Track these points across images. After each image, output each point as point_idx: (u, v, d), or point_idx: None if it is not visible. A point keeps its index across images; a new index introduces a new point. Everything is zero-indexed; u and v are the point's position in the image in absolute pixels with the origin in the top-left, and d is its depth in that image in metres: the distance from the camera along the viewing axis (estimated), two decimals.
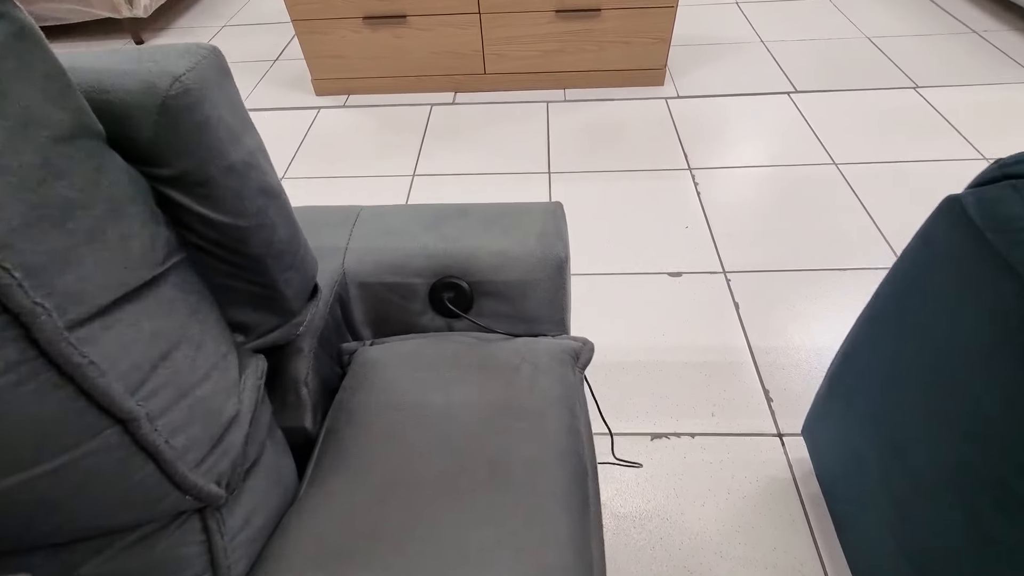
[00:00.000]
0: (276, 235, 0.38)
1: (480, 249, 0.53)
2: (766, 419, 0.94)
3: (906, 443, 0.54)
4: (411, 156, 1.56)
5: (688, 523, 0.83)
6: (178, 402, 0.29)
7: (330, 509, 0.39)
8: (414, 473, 0.40)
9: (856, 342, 0.63)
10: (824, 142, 1.50)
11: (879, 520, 0.60)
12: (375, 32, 1.66)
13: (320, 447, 0.44)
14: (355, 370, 0.49)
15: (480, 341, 0.51)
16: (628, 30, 1.63)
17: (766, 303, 1.12)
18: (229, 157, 0.33)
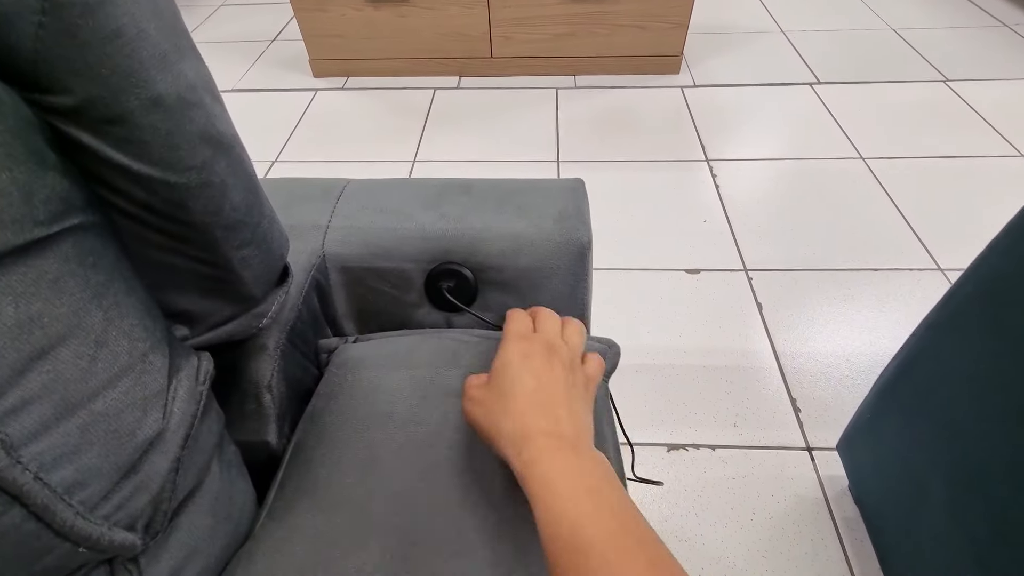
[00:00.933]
0: (227, 198, 0.29)
1: (487, 231, 0.44)
2: (794, 431, 0.86)
3: (991, 472, 0.45)
4: (412, 141, 1.48)
5: (708, 546, 0.75)
6: (60, 421, 0.20)
7: (287, 552, 0.30)
8: (403, 506, 0.32)
9: (920, 350, 0.54)
10: (850, 135, 1.41)
11: (945, 560, 0.52)
12: (377, 10, 1.57)
13: (285, 468, 0.36)
14: (334, 371, 0.41)
15: (484, 340, 0.42)
16: (643, 13, 1.54)
17: (792, 304, 1.03)
18: (155, 87, 0.24)
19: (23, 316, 0.19)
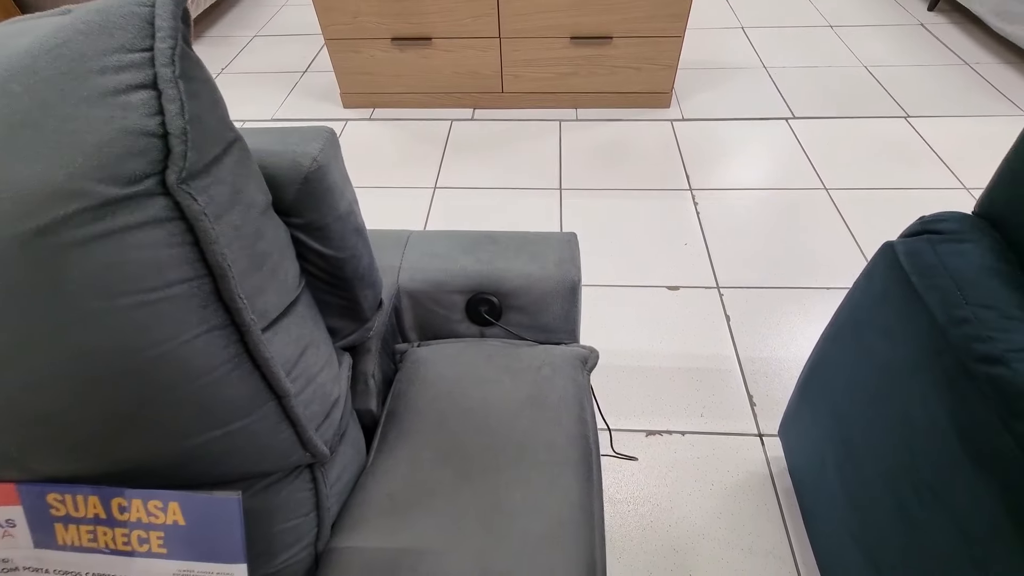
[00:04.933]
0: (361, 263, 0.50)
1: (509, 271, 0.65)
2: (749, 421, 1.06)
3: (855, 444, 0.65)
4: (432, 169, 1.69)
5: (676, 509, 0.95)
6: (309, 385, 0.41)
7: (395, 472, 0.51)
8: (459, 448, 0.52)
9: (820, 355, 0.74)
10: (817, 167, 1.61)
11: (834, 509, 0.72)
12: (402, 52, 1.78)
13: (383, 426, 0.56)
14: (408, 366, 0.61)
15: (508, 346, 0.63)
16: (638, 56, 1.75)
17: (755, 317, 1.23)
18: (339, 209, 0.45)
19: (296, 335, 0.40)
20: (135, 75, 0.26)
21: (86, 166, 0.25)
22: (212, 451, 0.36)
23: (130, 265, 0.27)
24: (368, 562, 0.44)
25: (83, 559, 0.35)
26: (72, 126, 0.25)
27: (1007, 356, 0.43)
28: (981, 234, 0.51)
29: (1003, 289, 0.47)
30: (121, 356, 0.29)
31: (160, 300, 0.29)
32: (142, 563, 0.35)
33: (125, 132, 0.26)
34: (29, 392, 0.29)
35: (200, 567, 0.36)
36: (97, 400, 0.30)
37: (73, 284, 0.26)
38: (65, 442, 0.32)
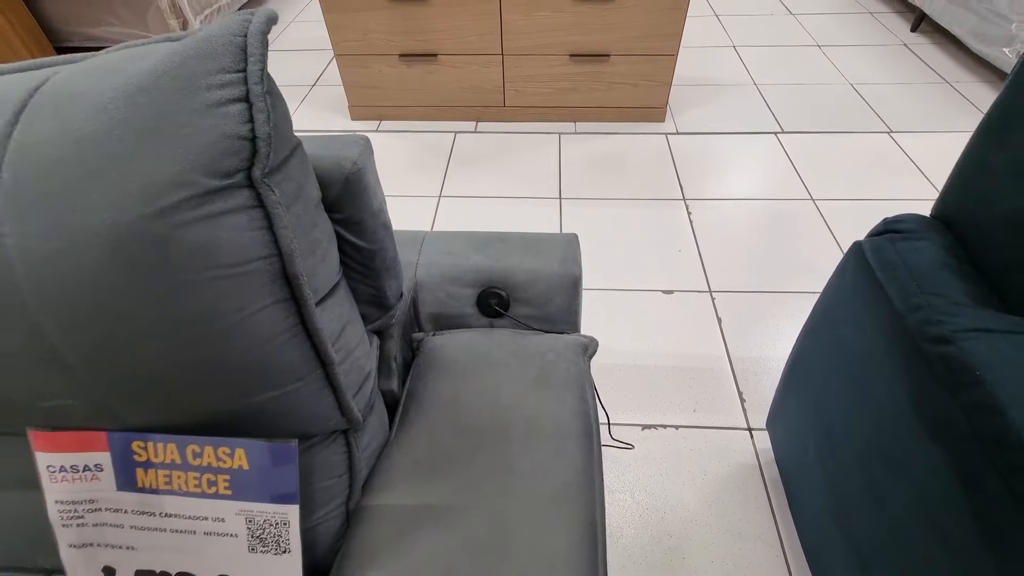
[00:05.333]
0: (388, 255, 0.56)
1: (517, 268, 0.71)
2: (739, 416, 1.12)
3: (833, 430, 0.72)
4: (438, 178, 1.76)
5: (670, 497, 1.01)
6: (347, 358, 0.47)
7: (416, 443, 0.57)
8: (473, 422, 0.58)
9: (801, 349, 0.81)
10: (804, 179, 1.69)
11: (816, 494, 0.78)
12: (409, 67, 1.86)
13: (404, 404, 0.62)
14: (424, 352, 0.67)
15: (516, 335, 0.69)
16: (634, 73, 1.84)
17: (745, 319, 1.30)
18: (372, 206, 0.51)
19: (338, 313, 0.46)
20: (232, 91, 0.33)
21: (195, 162, 0.32)
22: (269, 410, 0.42)
23: (221, 244, 0.34)
24: (396, 517, 0.50)
25: (158, 500, 0.41)
26: (185, 131, 0.31)
27: (954, 336, 0.50)
28: (935, 233, 0.58)
29: (952, 280, 0.54)
30: (208, 321, 0.35)
31: (241, 274, 0.35)
32: (209, 504, 0.41)
33: (224, 136, 0.32)
34: (132, 351, 0.35)
35: (259, 507, 0.41)
36: (184, 359, 0.36)
37: (177, 257, 0.32)
38: (154, 396, 0.38)
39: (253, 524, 0.42)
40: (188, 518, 0.41)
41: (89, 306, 0.32)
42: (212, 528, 0.42)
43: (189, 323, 0.34)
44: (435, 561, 0.47)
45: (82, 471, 0.40)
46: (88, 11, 2.25)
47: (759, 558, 0.93)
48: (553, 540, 0.48)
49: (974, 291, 0.52)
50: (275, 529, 0.42)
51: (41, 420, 0.39)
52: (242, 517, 0.41)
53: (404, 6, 1.72)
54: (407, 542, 0.48)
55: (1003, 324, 0.49)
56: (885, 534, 0.61)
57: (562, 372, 0.63)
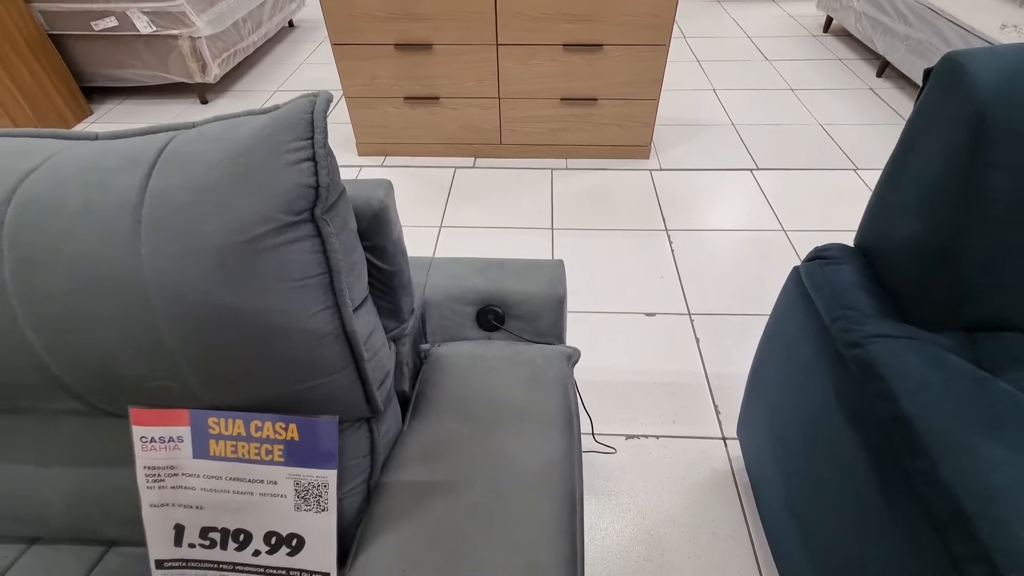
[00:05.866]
0: (404, 276, 0.68)
1: (511, 289, 0.83)
2: (714, 427, 1.23)
3: (784, 429, 0.83)
4: (438, 210, 1.90)
5: (651, 499, 1.10)
6: (373, 357, 0.58)
7: (425, 432, 0.67)
8: (473, 414, 0.69)
9: (758, 361, 0.93)
10: (776, 212, 1.84)
11: (774, 488, 0.88)
12: (413, 109, 2.03)
13: (414, 402, 0.73)
14: (432, 360, 0.79)
15: (510, 345, 0.80)
16: (620, 115, 2.00)
17: (721, 339, 1.42)
18: (393, 235, 0.64)
19: (368, 320, 0.58)
20: (304, 153, 0.45)
21: (277, 204, 0.44)
22: (313, 396, 0.53)
23: (292, 263, 0.46)
24: (409, 491, 0.61)
25: (225, 466, 0.52)
26: (271, 182, 0.44)
27: (863, 341, 0.62)
28: (853, 259, 0.71)
29: (863, 296, 0.66)
30: (279, 321, 0.47)
31: (304, 286, 0.47)
32: (265, 469, 0.52)
33: (298, 185, 0.44)
34: (221, 344, 0.46)
35: (305, 472, 0.52)
36: (259, 350, 0.48)
37: (262, 272, 0.44)
38: (230, 381, 0.49)
39: (299, 486, 0.52)
40: (248, 481, 0.52)
41: (195, 306, 0.44)
42: (266, 490, 0.52)
43: (266, 322, 0.46)
44: (442, 524, 0.57)
45: (167, 442, 0.51)
46: (114, 56, 2.42)
47: (731, 553, 1.02)
48: (539, 508, 0.59)
49: (879, 305, 0.65)
50: (317, 490, 0.53)
51: (141, 399, 0.50)
52: (291, 480, 0.52)
53: (409, 55, 1.89)
54: (419, 510, 0.59)
55: (900, 331, 0.62)
56: (823, 514, 0.71)
57: (549, 375, 0.74)
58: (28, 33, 2.25)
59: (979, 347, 0.61)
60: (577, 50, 1.84)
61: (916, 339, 0.60)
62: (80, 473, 0.60)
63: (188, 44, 2.37)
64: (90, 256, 0.42)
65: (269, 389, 0.51)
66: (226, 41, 2.56)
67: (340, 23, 1.83)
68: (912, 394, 0.55)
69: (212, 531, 0.54)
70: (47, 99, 2.35)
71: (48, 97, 2.35)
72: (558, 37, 1.81)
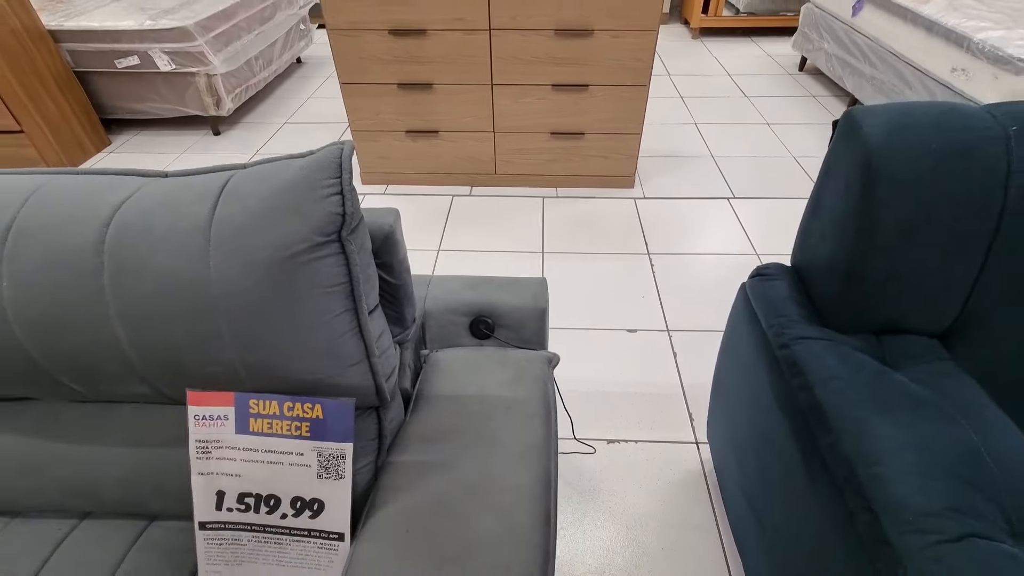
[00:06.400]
0: (407, 289, 0.81)
1: (500, 302, 0.96)
2: (688, 432, 1.34)
3: (739, 425, 0.94)
4: (437, 235, 2.03)
5: (629, 497, 1.21)
6: (383, 354, 0.70)
7: (425, 422, 0.79)
8: (466, 407, 0.80)
9: (718, 366, 1.05)
10: (751, 237, 1.98)
11: (733, 478, 1.00)
12: (414, 141, 2.19)
13: (415, 399, 0.84)
14: (430, 363, 0.91)
15: (499, 350, 0.92)
16: (606, 148, 2.16)
17: (696, 353, 1.54)
18: (399, 255, 0.77)
19: (378, 324, 0.70)
20: (333, 188, 0.58)
21: (312, 228, 0.57)
22: (334, 384, 0.65)
23: (322, 273, 0.58)
24: (411, 468, 0.72)
25: (262, 440, 0.63)
26: (308, 211, 0.57)
27: (790, 342, 0.75)
28: (787, 276, 0.84)
29: (792, 306, 0.79)
30: (312, 320, 0.59)
31: (330, 292, 0.60)
32: (295, 443, 0.63)
33: (329, 213, 0.57)
34: (266, 336, 0.59)
35: (326, 445, 0.64)
36: (295, 343, 0.60)
37: (300, 280, 0.57)
38: (269, 369, 0.61)
39: (322, 457, 0.64)
40: (279, 452, 0.64)
41: (247, 306, 0.56)
42: (294, 460, 0.64)
43: (302, 320, 0.58)
44: (438, 495, 0.68)
45: (214, 419, 0.63)
46: (135, 91, 2.59)
47: (700, 544, 1.12)
48: (520, 481, 0.70)
49: (805, 313, 0.78)
50: (335, 461, 0.64)
51: (196, 384, 0.62)
52: (315, 452, 0.64)
53: (412, 93, 2.06)
54: (419, 483, 0.70)
55: (819, 334, 0.74)
56: (767, 492, 0.83)
57: (531, 375, 0.86)
58: (56, 70, 2.42)
59: (884, 346, 0.74)
60: (565, 90, 2.01)
61: (831, 340, 0.73)
62: (136, 452, 0.71)
63: (204, 80, 2.54)
64: (170, 268, 0.54)
65: (301, 376, 0.63)
66: (239, 77, 2.74)
67: (349, 65, 2.00)
68: (824, 384, 0.67)
69: (248, 496, 0.65)
70: (69, 130, 2.50)
71: (71, 128, 2.51)
72: (547, 78, 1.99)
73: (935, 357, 0.72)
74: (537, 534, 0.65)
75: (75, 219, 0.55)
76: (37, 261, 0.54)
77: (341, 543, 0.66)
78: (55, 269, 0.54)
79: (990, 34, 1.99)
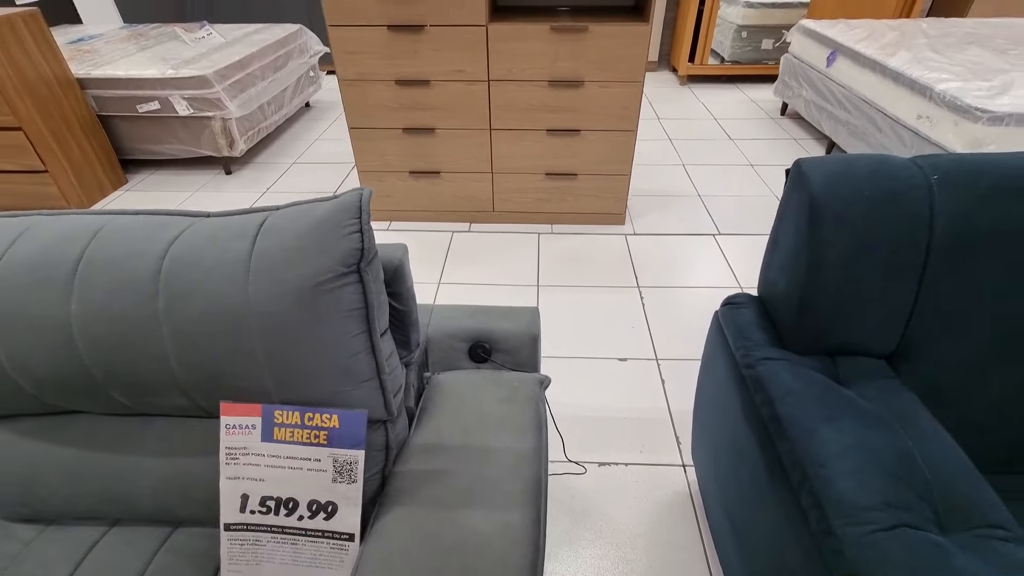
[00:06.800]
0: (413, 316, 0.90)
1: (498, 328, 1.05)
2: (675, 455, 1.41)
3: (717, 442, 1.02)
4: (437, 269, 2.14)
5: (618, 516, 1.27)
6: (391, 373, 0.79)
7: (428, 436, 0.87)
8: (464, 422, 0.89)
9: (697, 389, 1.13)
10: (735, 271, 2.09)
11: (713, 495, 1.07)
12: (417, 181, 2.32)
13: (418, 416, 0.93)
14: (432, 385, 0.99)
15: (495, 372, 1.01)
16: (597, 188, 2.30)
17: (683, 380, 1.62)
18: (407, 284, 0.86)
19: (388, 345, 0.79)
20: (354, 227, 0.68)
21: (336, 260, 0.67)
22: (348, 399, 0.74)
23: (343, 300, 0.68)
24: (414, 476, 0.80)
25: (284, 447, 0.72)
26: (333, 246, 0.67)
27: (755, 363, 0.84)
28: (754, 304, 0.94)
29: (757, 331, 0.88)
30: (333, 340, 0.68)
31: (349, 316, 0.69)
32: (313, 450, 0.72)
33: (351, 248, 0.68)
34: (293, 354, 0.68)
35: (341, 452, 0.72)
36: (317, 361, 0.69)
37: (323, 305, 0.66)
38: (293, 383, 0.70)
39: (337, 463, 0.72)
40: (299, 459, 0.72)
41: (279, 328, 0.66)
42: (312, 466, 0.72)
43: (325, 340, 0.68)
44: (440, 498, 0.76)
45: (243, 428, 0.71)
46: (154, 133, 2.75)
47: (687, 561, 1.18)
48: (513, 486, 0.78)
49: (768, 337, 0.87)
50: (349, 466, 0.72)
51: (229, 396, 0.70)
52: (331, 458, 0.72)
53: (415, 137, 2.20)
54: (422, 489, 0.78)
55: (779, 355, 0.83)
56: (740, 503, 0.90)
57: (524, 394, 0.95)
58: (81, 114, 2.58)
59: (839, 367, 0.83)
60: (558, 134, 2.16)
61: (789, 361, 0.82)
62: (167, 462, 0.79)
63: (220, 124, 2.70)
64: (216, 294, 0.64)
65: (320, 390, 0.71)
66: (252, 121, 2.90)
67: (357, 111, 2.15)
68: (782, 399, 0.76)
69: (269, 500, 0.73)
70: (91, 170, 2.64)
71: (91, 168, 2.65)
72: (542, 124, 2.14)
73: (882, 376, 0.81)
74: (529, 532, 0.72)
75: (136, 253, 0.65)
76: (103, 288, 0.64)
77: (351, 543, 0.74)
78: (118, 294, 0.63)
79: (950, 85, 2.15)
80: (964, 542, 0.59)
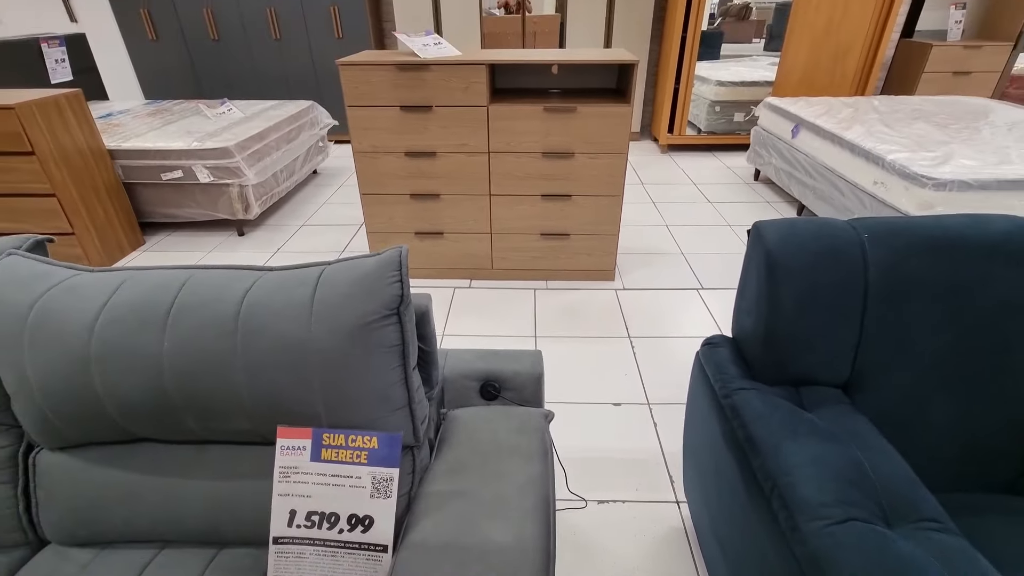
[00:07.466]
0: (436, 355, 1.04)
1: (505, 369, 1.19)
2: (669, 493, 1.50)
3: (705, 470, 1.14)
4: (440, 322, 2.28)
5: (616, 550, 1.35)
6: (419, 403, 0.91)
7: (448, 460, 0.98)
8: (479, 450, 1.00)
9: (685, 424, 1.26)
10: (718, 322, 2.25)
11: (704, 520, 1.17)
12: (422, 241, 2.51)
13: (437, 447, 1.04)
14: (448, 419, 1.11)
15: (504, 408, 1.14)
16: (588, 247, 2.49)
17: (673, 423, 1.74)
18: (432, 327, 1.01)
19: (417, 378, 0.93)
20: (395, 278, 0.83)
21: (381, 304, 0.81)
22: (385, 423, 0.86)
23: (385, 338, 0.82)
24: (437, 496, 0.91)
25: (330, 467, 0.83)
26: (378, 293, 0.82)
27: (731, 393, 0.98)
28: (729, 344, 1.09)
29: (732, 366, 1.03)
30: (377, 371, 0.82)
31: (389, 351, 0.83)
32: (355, 468, 0.83)
33: (393, 295, 0.82)
34: (344, 383, 0.81)
35: (379, 470, 0.83)
36: (363, 389, 0.82)
37: (371, 342, 0.80)
38: (340, 411, 0.82)
39: (375, 480, 0.83)
40: (342, 476, 0.83)
41: (332, 361, 0.79)
42: (353, 483, 0.83)
43: (369, 372, 0.81)
44: (461, 515, 0.87)
45: (295, 449, 0.83)
46: (175, 199, 2.94)
47: None
48: (525, 503, 0.89)
49: (741, 371, 1.01)
50: (385, 483, 0.83)
51: (285, 421, 0.82)
52: (370, 476, 0.83)
53: (421, 202, 2.41)
54: (445, 507, 0.89)
55: (751, 386, 0.98)
56: (725, 521, 1.01)
57: (532, 426, 1.07)
58: (108, 182, 2.77)
59: (802, 395, 0.97)
60: (552, 199, 2.38)
61: (760, 390, 0.96)
62: (218, 486, 0.89)
63: (237, 190, 2.90)
64: (283, 332, 0.78)
65: (362, 415, 0.84)
66: (266, 187, 3.12)
67: (369, 179, 2.36)
68: (754, 421, 0.90)
69: (314, 514, 0.83)
70: (112, 232, 2.81)
71: (113, 230, 2.81)
72: (537, 190, 2.36)
73: (838, 402, 0.95)
74: (540, 542, 0.83)
75: (219, 298, 0.79)
76: (192, 326, 0.77)
77: (385, 554, 0.84)
78: (204, 330, 0.77)
79: (899, 155, 2.43)
80: (905, 532, 0.71)
